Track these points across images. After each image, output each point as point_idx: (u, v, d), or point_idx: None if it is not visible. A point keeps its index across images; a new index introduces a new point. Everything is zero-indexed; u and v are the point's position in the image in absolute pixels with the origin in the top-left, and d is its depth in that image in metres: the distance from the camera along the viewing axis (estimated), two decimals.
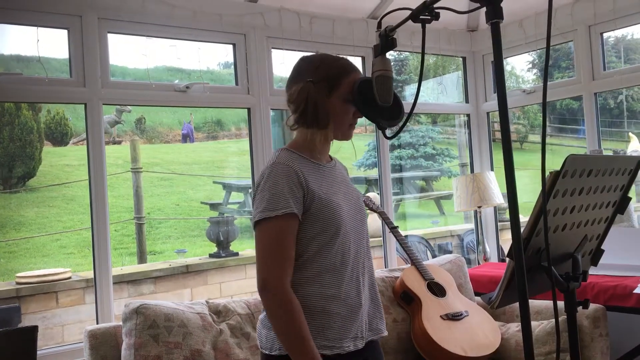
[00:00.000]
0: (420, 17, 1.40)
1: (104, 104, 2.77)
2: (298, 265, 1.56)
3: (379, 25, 1.56)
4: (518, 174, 1.20)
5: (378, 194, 3.79)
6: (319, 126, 1.59)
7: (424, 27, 1.43)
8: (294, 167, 1.56)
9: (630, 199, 1.64)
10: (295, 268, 1.55)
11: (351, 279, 1.60)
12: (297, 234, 1.55)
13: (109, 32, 2.81)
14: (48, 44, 3.09)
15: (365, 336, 1.63)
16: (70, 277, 5.67)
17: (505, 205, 1.26)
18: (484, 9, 1.22)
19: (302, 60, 1.68)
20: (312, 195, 1.55)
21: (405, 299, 2.87)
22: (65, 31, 2.72)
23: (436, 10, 1.39)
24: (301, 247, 1.56)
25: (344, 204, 1.63)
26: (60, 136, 11.82)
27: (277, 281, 1.50)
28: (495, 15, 1.21)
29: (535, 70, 14.55)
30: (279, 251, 1.51)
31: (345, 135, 1.67)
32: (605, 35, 3.56)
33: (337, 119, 1.62)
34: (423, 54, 1.51)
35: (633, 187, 1.67)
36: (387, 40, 1.54)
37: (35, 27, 2.65)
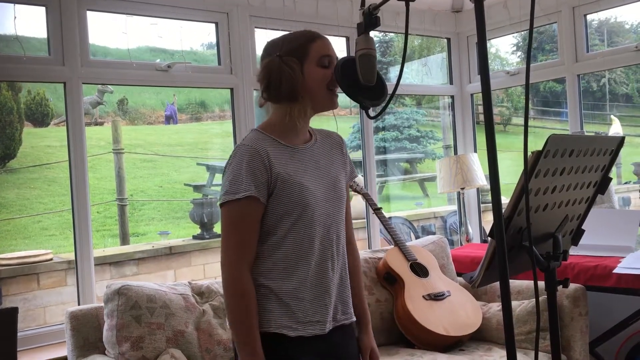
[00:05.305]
0: None
1: (83, 83, 2.73)
2: (266, 247, 1.56)
3: (363, 3, 1.54)
4: (501, 156, 1.20)
5: (362, 176, 3.78)
6: (288, 98, 1.56)
7: (407, 5, 1.41)
8: (258, 149, 1.54)
9: (610, 179, 1.65)
10: (263, 250, 1.56)
11: (318, 263, 1.58)
12: (265, 216, 1.55)
13: (88, 10, 2.75)
14: (26, 22, 3.02)
15: (332, 321, 1.62)
16: (51, 259, 5.63)
17: (488, 186, 1.26)
18: None
19: (267, 43, 1.65)
20: (276, 177, 1.53)
21: (389, 280, 2.89)
22: (44, 8, 2.66)
23: None
24: (269, 229, 1.56)
25: (315, 186, 1.60)
26: (41, 117, 11.62)
27: (232, 265, 1.52)
28: None
29: (519, 53, 14.58)
30: (236, 235, 1.53)
31: (327, 101, 1.62)
32: (589, 17, 3.57)
33: (314, 86, 1.58)
34: (407, 33, 1.49)
35: (614, 167, 1.68)
36: (370, 19, 1.52)
37: (12, 4, 2.59)
